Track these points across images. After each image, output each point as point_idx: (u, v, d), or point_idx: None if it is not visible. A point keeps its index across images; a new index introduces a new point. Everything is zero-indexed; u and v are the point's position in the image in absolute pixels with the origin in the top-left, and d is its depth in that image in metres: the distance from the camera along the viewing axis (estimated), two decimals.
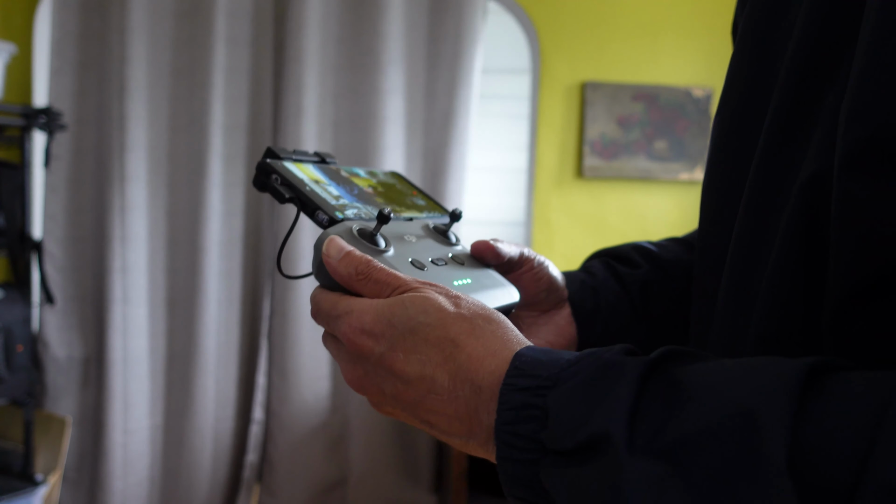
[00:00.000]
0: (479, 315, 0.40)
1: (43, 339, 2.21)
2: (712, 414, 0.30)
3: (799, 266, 0.38)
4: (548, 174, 2.55)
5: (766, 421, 0.29)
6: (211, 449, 2.28)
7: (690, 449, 0.30)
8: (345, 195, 0.53)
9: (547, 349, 0.39)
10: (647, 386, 0.33)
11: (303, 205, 0.49)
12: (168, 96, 2.22)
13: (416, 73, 2.33)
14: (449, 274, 0.50)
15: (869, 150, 0.32)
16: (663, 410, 0.32)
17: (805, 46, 0.40)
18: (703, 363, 0.34)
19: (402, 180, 0.64)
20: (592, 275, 0.63)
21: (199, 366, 2.23)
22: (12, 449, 2.11)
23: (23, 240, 2.05)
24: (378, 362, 0.40)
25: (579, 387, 0.35)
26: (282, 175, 0.49)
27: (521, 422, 0.35)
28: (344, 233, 0.46)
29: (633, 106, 2.55)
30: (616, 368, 0.34)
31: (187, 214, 2.25)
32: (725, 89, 0.49)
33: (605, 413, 0.33)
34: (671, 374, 0.33)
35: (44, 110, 2.02)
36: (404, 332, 0.39)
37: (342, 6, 2.28)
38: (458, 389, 0.38)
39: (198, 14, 2.19)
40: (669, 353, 0.35)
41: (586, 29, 2.54)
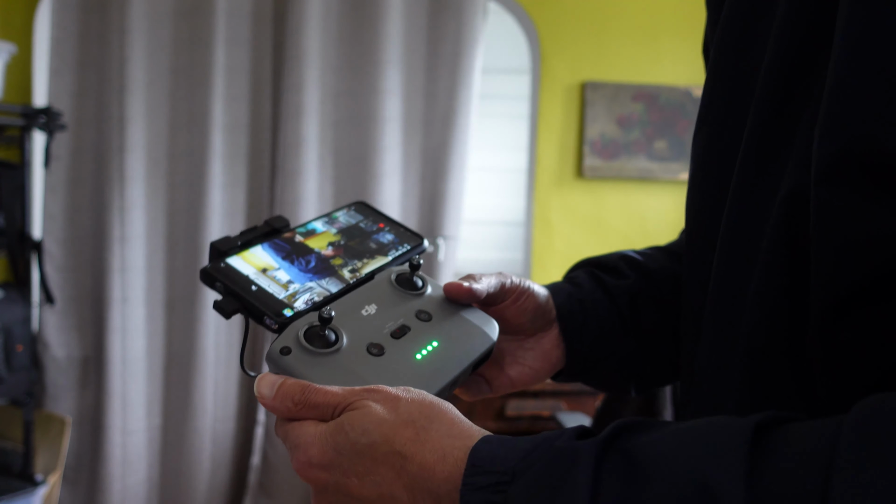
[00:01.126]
0: (421, 415, 0.40)
1: (42, 339, 2.21)
2: (669, 490, 0.31)
3: (783, 279, 0.38)
4: (548, 174, 2.54)
5: (720, 490, 0.29)
6: (210, 450, 2.28)
7: None
8: (297, 275, 0.51)
9: (502, 438, 0.38)
10: (603, 468, 0.33)
11: (249, 313, 0.47)
12: (168, 96, 2.22)
13: (416, 73, 2.33)
14: (410, 347, 0.48)
15: (842, 163, 0.33)
16: (622, 491, 0.32)
17: (778, 64, 0.40)
18: (654, 433, 0.34)
19: (369, 212, 0.61)
20: (579, 286, 0.61)
21: (199, 366, 2.22)
22: (12, 449, 2.10)
23: (22, 240, 2.05)
24: (336, 491, 0.40)
25: (536, 479, 0.35)
26: (223, 282, 0.48)
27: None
28: (291, 341, 0.45)
29: (633, 106, 2.55)
30: (569, 455, 0.34)
31: (187, 214, 2.25)
32: (702, 110, 0.49)
33: (565, 501, 0.33)
34: (625, 450, 0.34)
35: (43, 110, 2.02)
36: (352, 456, 0.39)
37: (342, 6, 2.28)
38: (419, 501, 0.38)
39: (197, 14, 2.19)
40: (621, 428, 0.35)
41: (586, 29, 2.53)
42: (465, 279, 0.54)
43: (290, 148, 2.24)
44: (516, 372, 0.59)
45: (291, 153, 2.24)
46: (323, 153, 2.30)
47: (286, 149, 2.25)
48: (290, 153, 2.24)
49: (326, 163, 2.31)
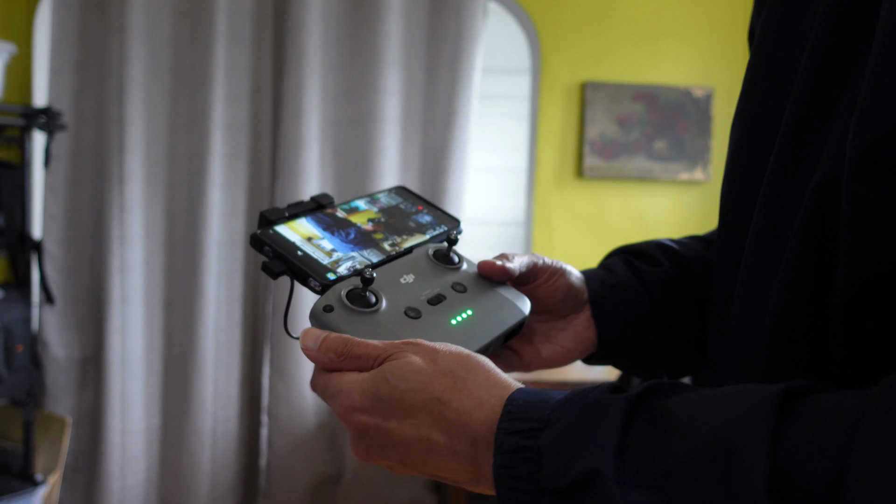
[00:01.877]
0: (459, 366, 0.41)
1: (42, 339, 2.21)
2: (694, 444, 0.32)
3: (810, 266, 0.38)
4: (548, 174, 2.54)
5: (744, 448, 0.30)
6: (209, 451, 2.28)
7: (676, 479, 0.32)
8: (340, 245, 0.54)
9: (537, 390, 0.40)
10: (633, 421, 0.35)
11: (294, 275, 0.50)
12: (167, 96, 2.22)
13: (416, 73, 2.33)
14: (446, 313, 0.51)
15: (876, 155, 0.33)
16: (649, 443, 0.33)
17: (820, 52, 0.40)
18: (684, 395, 0.35)
19: (409, 196, 0.64)
20: (612, 272, 0.62)
21: (198, 367, 2.22)
22: (12, 449, 2.10)
23: (22, 240, 2.05)
24: (376, 434, 0.42)
25: (568, 427, 0.36)
26: (272, 246, 0.51)
27: (517, 464, 0.37)
28: (334, 300, 0.47)
29: (633, 106, 2.55)
30: (601, 406, 0.36)
31: (186, 214, 2.24)
32: (743, 94, 0.50)
33: (594, 450, 0.34)
34: (655, 407, 0.35)
35: (43, 110, 2.02)
36: (391, 402, 0.41)
37: (342, 6, 2.28)
38: (456, 444, 0.40)
39: (197, 13, 2.19)
40: (653, 388, 0.36)
41: (586, 29, 2.53)
42: (498, 258, 0.56)
43: (290, 148, 2.24)
44: (549, 350, 0.60)
45: (291, 153, 2.24)
46: (323, 153, 2.30)
47: (286, 149, 2.25)
48: (290, 153, 2.24)
49: (326, 162, 2.31)
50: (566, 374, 2.30)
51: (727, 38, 2.60)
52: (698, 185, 2.62)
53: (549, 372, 2.31)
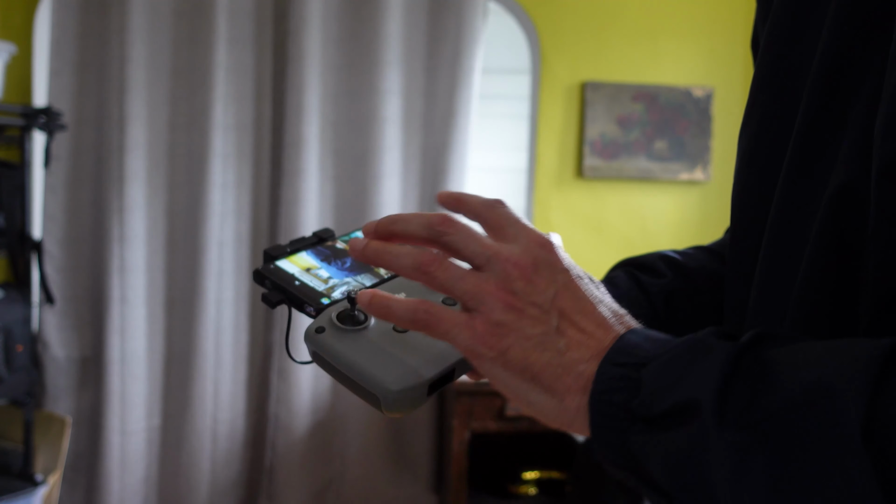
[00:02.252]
0: (607, 298, 0.43)
1: (42, 339, 2.21)
2: (794, 389, 0.32)
3: (829, 277, 0.38)
4: (548, 174, 2.54)
5: (843, 395, 0.30)
6: (209, 450, 2.28)
7: (773, 422, 0.32)
8: (336, 273, 0.57)
9: (649, 332, 0.40)
10: (739, 364, 0.34)
11: (292, 303, 0.54)
12: (168, 96, 2.22)
13: (416, 74, 2.33)
14: None
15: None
16: (752, 387, 0.33)
17: (830, 58, 0.40)
18: (792, 345, 0.35)
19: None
20: (615, 286, 0.62)
21: (198, 366, 2.22)
22: (12, 449, 2.10)
23: (22, 240, 2.05)
24: (567, 280, 0.41)
25: (671, 361, 0.36)
26: (272, 279, 0.55)
27: (615, 391, 0.37)
28: (325, 322, 0.49)
29: (633, 106, 2.55)
30: (705, 346, 0.36)
31: (187, 214, 2.24)
32: (751, 101, 0.49)
33: (695, 383, 0.34)
34: (761, 356, 0.35)
35: (43, 110, 2.02)
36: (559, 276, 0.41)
37: (343, 6, 2.28)
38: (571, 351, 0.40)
39: (198, 14, 2.19)
40: (761, 336, 0.36)
41: (586, 29, 2.53)
42: None
43: (290, 148, 2.24)
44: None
45: (292, 153, 2.24)
46: (323, 153, 2.30)
47: (286, 149, 2.25)
48: (291, 153, 2.24)
49: (327, 163, 2.31)
50: None
51: (727, 38, 2.60)
52: (698, 185, 2.62)
53: None
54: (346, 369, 0.46)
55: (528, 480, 2.40)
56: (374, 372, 0.45)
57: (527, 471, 2.42)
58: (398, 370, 0.45)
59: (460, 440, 2.18)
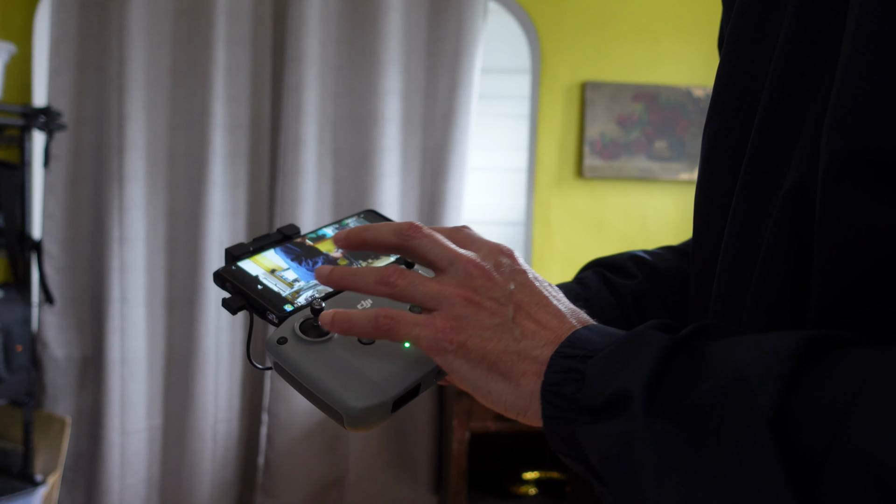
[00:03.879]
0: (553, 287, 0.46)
1: (42, 340, 2.21)
2: (717, 382, 0.33)
3: (783, 275, 0.38)
4: (548, 174, 2.54)
5: (758, 385, 0.31)
6: (210, 450, 2.28)
7: (696, 413, 0.33)
8: (304, 274, 0.54)
9: (604, 328, 0.41)
10: (673, 358, 0.35)
11: (253, 309, 0.51)
12: (167, 96, 2.22)
13: (416, 73, 2.33)
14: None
15: (850, 160, 0.33)
16: (684, 379, 0.34)
17: (787, 58, 0.40)
18: (727, 337, 0.36)
19: (378, 219, 0.63)
20: (586, 286, 0.62)
21: (199, 366, 2.22)
22: (12, 449, 2.10)
23: (22, 240, 2.05)
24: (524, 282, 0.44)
25: (612, 353, 0.38)
26: (233, 282, 0.52)
27: (564, 383, 0.39)
28: (288, 332, 0.48)
29: (633, 106, 2.54)
30: (643, 338, 0.37)
31: (187, 214, 2.24)
32: (713, 101, 0.49)
33: (629, 374, 0.35)
34: (697, 349, 0.36)
35: (43, 110, 2.02)
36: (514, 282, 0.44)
37: (342, 6, 2.28)
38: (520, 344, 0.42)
39: (197, 13, 2.19)
40: (699, 330, 0.37)
41: (586, 29, 2.53)
42: None
43: (289, 148, 2.24)
44: None
45: (291, 153, 2.24)
46: (323, 153, 2.30)
47: (286, 149, 2.25)
48: (290, 153, 2.24)
49: (326, 163, 2.31)
50: None
51: None
52: None
53: None
54: (309, 384, 0.45)
55: (528, 480, 2.40)
56: (338, 389, 0.44)
57: (527, 471, 2.41)
58: (362, 387, 0.44)
59: (460, 440, 2.18)
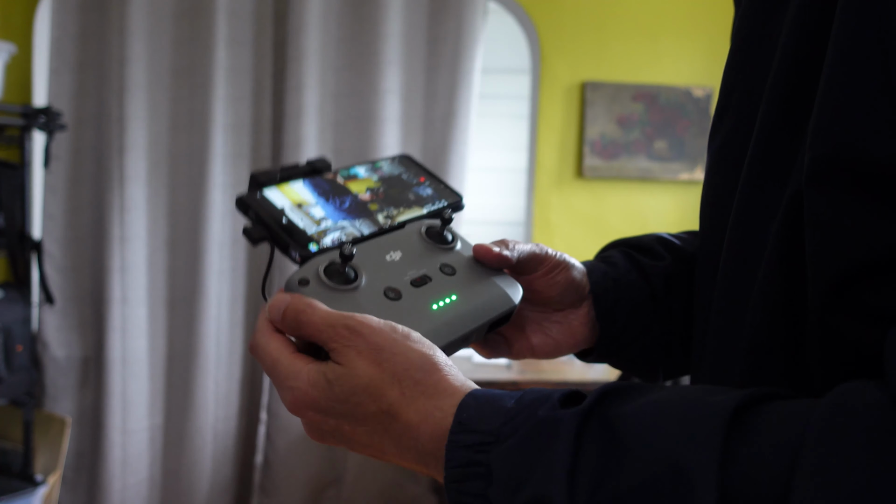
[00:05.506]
0: (407, 373, 0.40)
1: (42, 340, 2.21)
2: (645, 469, 0.31)
3: (784, 279, 0.38)
4: (548, 174, 2.54)
5: (694, 473, 0.30)
6: (211, 450, 2.28)
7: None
8: (332, 213, 0.51)
9: (491, 395, 0.39)
10: (583, 440, 0.34)
11: (276, 243, 0.48)
12: (168, 96, 2.22)
13: (416, 74, 2.33)
14: (428, 296, 0.48)
15: (830, 167, 0.33)
16: (599, 466, 0.33)
17: (786, 66, 0.40)
18: (638, 401, 0.35)
19: (412, 165, 0.60)
20: (613, 265, 0.60)
21: (199, 366, 2.22)
22: (12, 449, 2.10)
23: (22, 240, 2.05)
24: (330, 430, 0.42)
25: (518, 446, 0.35)
26: (256, 210, 0.48)
27: (468, 479, 0.36)
28: (311, 274, 0.45)
29: (633, 106, 2.55)
30: (550, 425, 0.35)
31: (187, 214, 2.24)
32: (718, 108, 0.49)
33: (545, 474, 0.34)
34: (607, 420, 0.34)
35: (43, 110, 2.02)
36: (344, 411, 0.41)
37: (343, 6, 2.28)
38: (406, 454, 0.40)
39: (198, 14, 2.19)
40: (605, 394, 0.36)
41: (586, 29, 2.53)
42: (496, 243, 0.53)
43: (290, 148, 2.24)
44: (539, 340, 0.58)
45: (292, 153, 2.24)
46: (323, 153, 2.30)
47: (287, 149, 2.25)
48: (291, 153, 2.24)
49: None
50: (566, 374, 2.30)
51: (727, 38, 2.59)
52: (698, 185, 2.61)
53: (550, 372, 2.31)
54: None
55: None
56: None
57: None
58: None
59: None
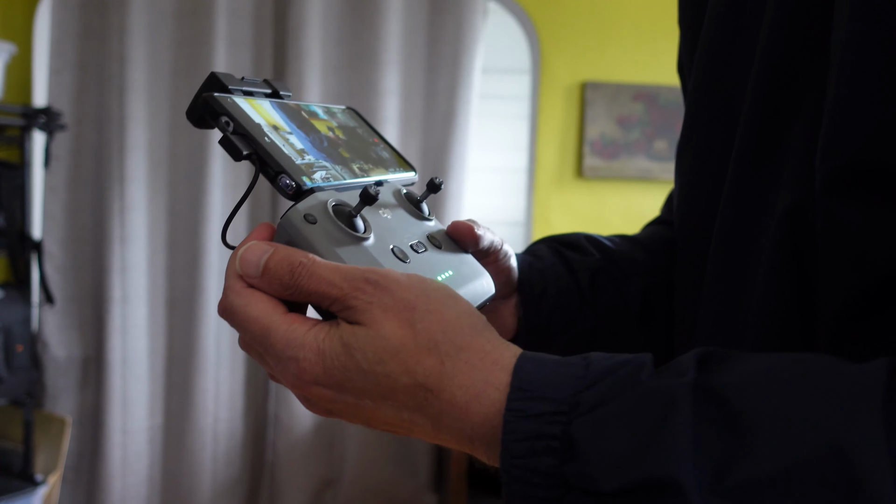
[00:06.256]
0: (446, 338, 0.34)
1: (42, 339, 2.21)
2: (791, 451, 0.27)
3: (788, 296, 0.37)
4: (548, 174, 2.54)
5: (859, 456, 0.26)
6: (211, 450, 2.28)
7: (774, 491, 0.27)
8: (311, 149, 0.43)
9: (548, 358, 0.34)
10: (699, 413, 0.29)
11: (263, 164, 0.39)
12: (168, 96, 2.22)
13: (416, 73, 2.33)
14: (431, 265, 0.43)
15: (847, 177, 0.33)
16: (722, 442, 0.28)
17: (767, 79, 0.39)
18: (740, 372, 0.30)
19: (361, 122, 0.54)
20: (539, 258, 0.59)
21: (199, 366, 2.22)
22: (12, 449, 2.10)
23: (22, 240, 2.05)
24: (344, 407, 0.36)
25: (616, 418, 0.30)
26: (235, 118, 0.39)
27: (537, 454, 0.31)
28: (319, 211, 0.38)
29: (633, 106, 2.55)
30: (664, 396, 0.30)
31: (187, 214, 2.24)
32: (685, 131, 0.48)
33: (665, 453, 0.28)
34: (717, 393, 0.30)
35: (43, 110, 2.02)
36: (364, 381, 0.34)
37: (343, 6, 2.28)
38: (445, 433, 0.34)
39: (198, 14, 2.19)
40: (704, 361, 0.31)
41: (586, 29, 2.53)
42: (471, 222, 0.50)
43: None
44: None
45: None
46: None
47: None
48: None
49: None
50: None
51: None
52: None
53: None
54: None
55: None
56: None
57: None
58: None
59: None
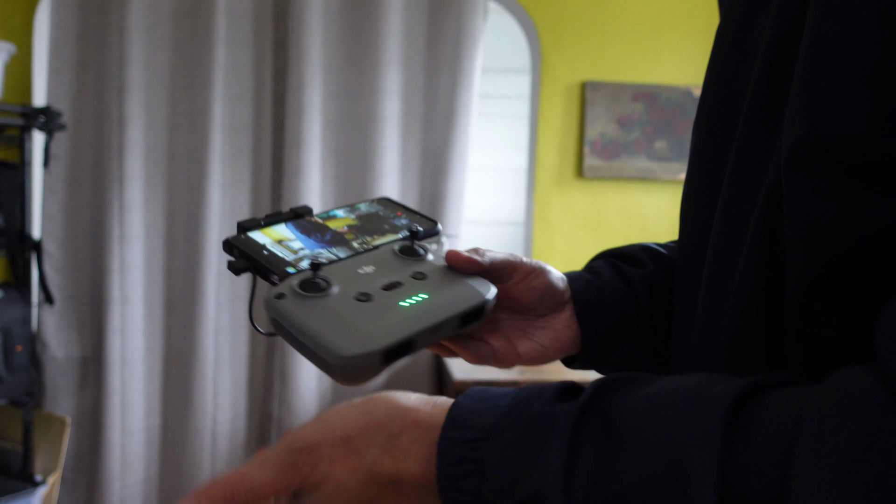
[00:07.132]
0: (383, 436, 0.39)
1: (42, 340, 2.20)
2: (643, 465, 0.31)
3: (762, 269, 0.39)
4: (548, 174, 2.54)
5: (693, 469, 0.29)
6: (209, 450, 2.28)
7: (625, 502, 0.31)
8: (310, 245, 0.55)
9: (484, 391, 0.39)
10: (581, 434, 0.33)
11: (257, 271, 0.53)
12: (167, 96, 2.22)
13: (416, 73, 2.32)
14: (398, 296, 0.50)
15: (803, 151, 0.34)
16: (597, 460, 0.32)
17: (768, 62, 0.41)
18: (637, 393, 0.34)
19: (390, 204, 0.64)
20: (597, 274, 0.62)
21: (198, 366, 2.22)
22: (11, 449, 2.10)
23: (22, 240, 2.05)
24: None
25: (512, 441, 0.35)
26: (240, 248, 0.54)
27: (462, 477, 0.36)
28: (286, 289, 0.48)
29: (633, 106, 2.54)
30: (547, 420, 0.34)
31: (186, 214, 2.24)
32: (701, 103, 0.50)
33: (540, 470, 0.33)
34: (605, 414, 0.33)
35: (43, 110, 2.02)
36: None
37: (343, 5, 2.28)
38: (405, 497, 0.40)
39: (197, 13, 2.19)
40: (605, 386, 0.35)
41: (586, 29, 2.53)
42: (469, 251, 0.55)
43: (290, 147, 2.24)
44: (526, 347, 0.59)
45: (292, 153, 2.24)
46: (323, 153, 2.30)
47: (286, 148, 2.25)
48: (291, 153, 2.24)
49: (327, 162, 2.31)
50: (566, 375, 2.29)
51: None
52: None
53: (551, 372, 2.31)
54: (300, 335, 0.45)
55: None
56: (328, 337, 0.44)
57: None
58: (352, 336, 0.44)
59: None
